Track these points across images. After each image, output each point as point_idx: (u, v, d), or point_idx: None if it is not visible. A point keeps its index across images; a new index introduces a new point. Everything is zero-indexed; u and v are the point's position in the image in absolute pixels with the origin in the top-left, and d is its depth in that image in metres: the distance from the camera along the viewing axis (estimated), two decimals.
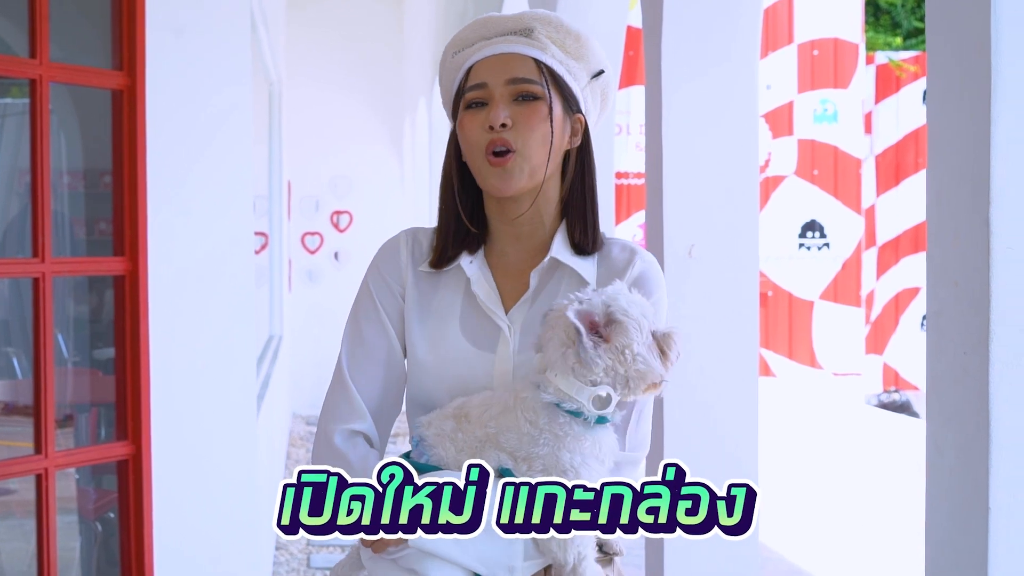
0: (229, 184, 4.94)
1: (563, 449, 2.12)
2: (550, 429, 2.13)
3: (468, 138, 2.32)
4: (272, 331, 10.76)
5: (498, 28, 2.36)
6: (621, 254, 2.35)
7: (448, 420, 2.21)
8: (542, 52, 2.32)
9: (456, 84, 2.39)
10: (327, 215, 14.20)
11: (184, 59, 4.76)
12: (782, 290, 14.95)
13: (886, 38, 20.65)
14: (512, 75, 2.30)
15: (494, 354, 2.29)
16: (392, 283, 2.39)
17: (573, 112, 2.35)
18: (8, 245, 5.32)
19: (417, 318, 2.36)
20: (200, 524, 4.87)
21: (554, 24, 2.35)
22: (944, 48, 2.36)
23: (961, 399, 2.27)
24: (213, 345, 4.90)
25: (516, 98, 2.29)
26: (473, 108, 2.32)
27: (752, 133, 4.26)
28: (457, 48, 2.41)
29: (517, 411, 2.16)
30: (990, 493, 2.17)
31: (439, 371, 2.31)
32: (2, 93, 5.75)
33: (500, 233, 2.39)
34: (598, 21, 5.47)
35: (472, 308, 2.33)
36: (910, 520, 8.32)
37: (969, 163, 2.24)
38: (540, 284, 2.34)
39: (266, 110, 10.68)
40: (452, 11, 10.26)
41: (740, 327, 4.22)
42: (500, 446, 2.16)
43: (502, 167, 2.27)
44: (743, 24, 4.21)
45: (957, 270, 2.28)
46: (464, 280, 2.36)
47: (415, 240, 2.43)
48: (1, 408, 5.40)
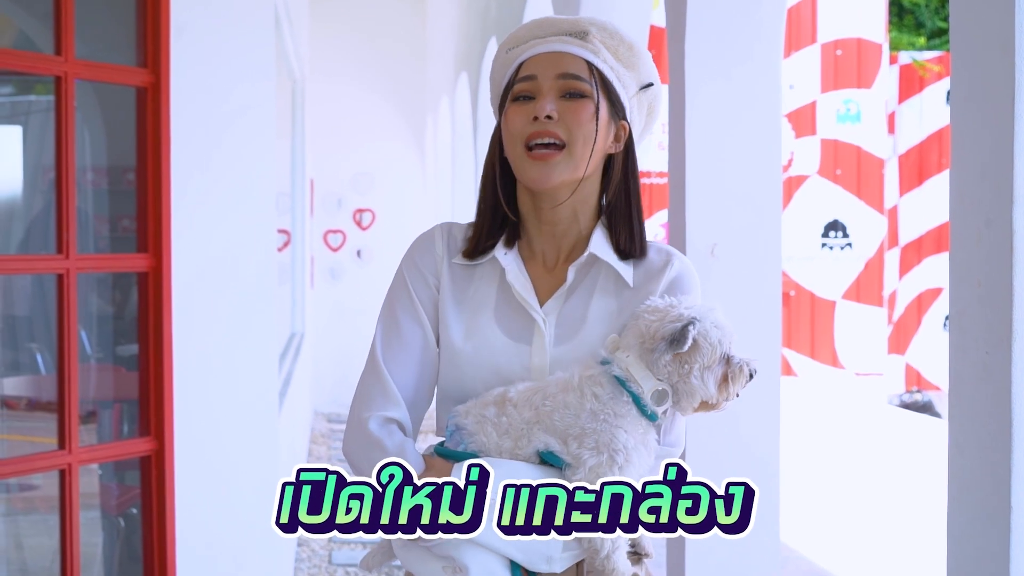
0: (252, 181, 4.95)
1: (620, 428, 2.16)
2: (612, 407, 2.17)
3: (511, 129, 2.33)
4: (294, 328, 10.78)
5: (553, 28, 2.38)
6: (657, 256, 2.36)
7: (489, 407, 2.22)
8: (594, 55, 2.33)
9: (507, 79, 2.40)
10: (350, 213, 14.22)
11: (208, 56, 4.78)
12: (804, 290, 14.92)
13: (910, 38, 20.60)
14: (563, 70, 2.31)
15: (530, 346, 2.30)
16: (427, 274, 2.39)
17: (619, 118, 2.37)
18: (32, 241, 5.34)
19: (452, 308, 2.36)
20: (222, 520, 4.88)
21: (609, 31, 2.37)
22: (968, 49, 2.36)
23: (983, 399, 2.27)
24: (235, 342, 4.91)
25: (564, 95, 2.30)
26: (520, 101, 2.33)
27: (775, 133, 4.25)
28: (511, 45, 2.42)
29: (583, 386, 2.18)
30: (1012, 492, 2.17)
31: (475, 361, 2.31)
32: (26, 90, 5.77)
33: (535, 230, 2.40)
34: (621, 20, 5.47)
35: (507, 299, 2.34)
36: (932, 520, 8.30)
37: (992, 164, 2.24)
38: (577, 279, 2.35)
39: (289, 107, 10.70)
40: (474, 9, 10.26)
41: (763, 326, 4.22)
42: (550, 427, 2.17)
43: (544, 161, 2.28)
44: (766, 24, 4.20)
45: (980, 270, 2.28)
46: (499, 272, 2.36)
47: (450, 234, 2.44)
48: (25, 404, 5.42)
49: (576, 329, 2.30)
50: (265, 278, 5.00)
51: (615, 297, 2.32)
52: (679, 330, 2.16)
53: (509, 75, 2.39)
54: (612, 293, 2.33)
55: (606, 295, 2.32)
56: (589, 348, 2.27)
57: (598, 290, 2.32)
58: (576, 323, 2.31)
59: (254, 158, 4.96)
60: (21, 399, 5.44)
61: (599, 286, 2.33)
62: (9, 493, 5.28)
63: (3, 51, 4.84)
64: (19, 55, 4.80)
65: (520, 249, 2.40)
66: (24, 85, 5.76)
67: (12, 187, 5.66)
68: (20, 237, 5.53)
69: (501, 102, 2.40)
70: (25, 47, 5.26)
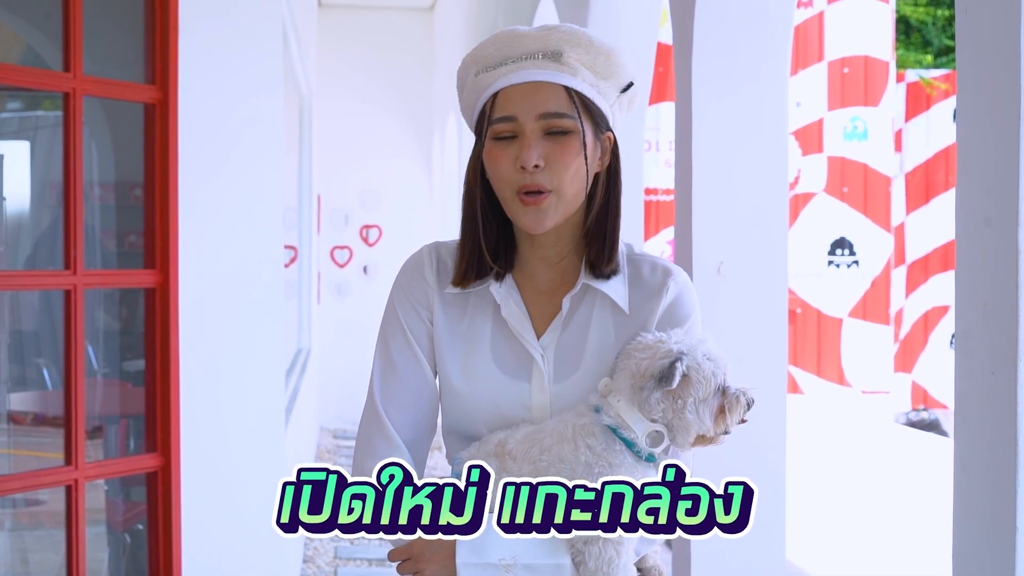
0: (259, 197, 4.97)
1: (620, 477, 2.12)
2: (606, 456, 2.13)
3: (499, 173, 2.23)
4: (301, 344, 10.79)
5: (524, 48, 2.25)
6: (652, 276, 2.29)
7: (491, 459, 2.18)
8: (572, 77, 2.22)
9: (480, 106, 2.29)
10: (356, 229, 14.24)
11: (215, 74, 4.80)
12: (811, 307, 14.91)
13: (917, 56, 20.60)
14: (543, 109, 2.20)
15: (529, 384, 2.26)
16: (419, 307, 2.33)
17: (603, 131, 2.27)
18: (40, 257, 5.35)
19: (448, 343, 2.31)
20: (228, 537, 4.89)
21: (583, 44, 2.24)
22: (974, 68, 2.36)
23: (989, 419, 2.27)
24: (242, 358, 4.92)
25: (548, 132, 2.21)
26: (504, 140, 2.23)
27: (782, 151, 4.26)
28: (480, 67, 2.29)
29: (576, 439, 2.14)
30: (1017, 512, 2.17)
31: (475, 401, 2.28)
32: (34, 106, 5.79)
33: (529, 256, 2.32)
34: (628, 37, 5.49)
35: (503, 334, 2.29)
36: (938, 539, 8.28)
37: (998, 183, 2.24)
38: (572, 308, 2.29)
39: (296, 123, 10.71)
40: (482, 25, 10.28)
41: (769, 344, 4.22)
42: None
43: (536, 206, 2.21)
44: (773, 42, 4.21)
45: (986, 291, 2.28)
46: (493, 303, 2.30)
47: (439, 258, 2.36)
48: (31, 419, 5.43)
49: (575, 365, 2.26)
50: (272, 294, 5.01)
51: (612, 325, 2.27)
52: (667, 366, 2.11)
53: (483, 103, 2.28)
54: (610, 321, 2.27)
55: (603, 324, 2.27)
56: (589, 383, 2.23)
57: (595, 319, 2.27)
58: (575, 358, 2.26)
59: (261, 174, 4.97)
60: (27, 414, 5.45)
61: (595, 315, 2.28)
62: (15, 508, 5.28)
63: (12, 67, 4.85)
64: (28, 71, 4.82)
65: (515, 272, 2.33)
66: (32, 101, 5.77)
67: (20, 202, 5.68)
68: (28, 253, 5.54)
69: (478, 129, 2.30)
70: (34, 63, 5.28)
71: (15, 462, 5.33)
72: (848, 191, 14.85)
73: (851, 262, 14.86)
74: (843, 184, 14.85)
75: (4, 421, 5.26)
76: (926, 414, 14.24)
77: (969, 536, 2.36)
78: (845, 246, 14.85)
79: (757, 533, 4.26)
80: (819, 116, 14.80)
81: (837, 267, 14.88)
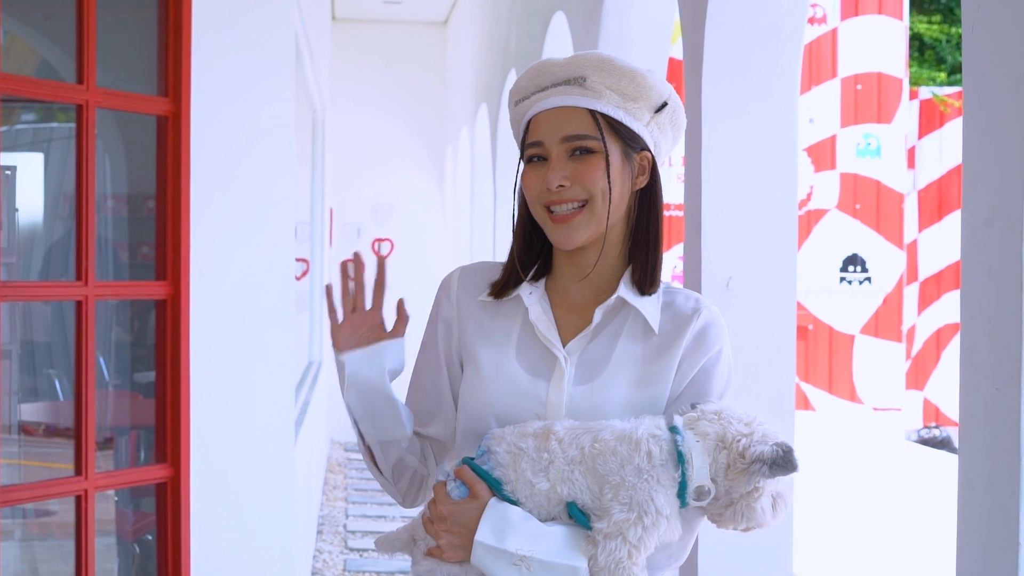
0: (270, 209, 4.98)
1: (662, 492, 2.13)
2: (659, 472, 2.13)
3: (530, 194, 2.34)
4: (312, 357, 10.80)
5: (552, 77, 2.35)
6: (685, 303, 2.35)
7: (527, 438, 2.21)
8: (596, 100, 2.30)
9: (520, 133, 2.41)
10: (368, 242, 14.26)
11: (227, 86, 4.81)
12: (823, 324, 14.91)
13: (930, 73, 20.61)
14: (566, 132, 2.29)
15: (548, 382, 2.30)
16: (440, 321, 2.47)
17: (637, 151, 2.34)
18: (53, 268, 5.37)
19: (475, 345, 2.39)
20: (237, 548, 4.89)
21: (607, 68, 2.32)
22: (980, 87, 2.37)
23: (993, 435, 2.27)
24: (252, 370, 4.93)
25: (573, 152, 2.30)
26: (534, 162, 2.34)
27: (791, 168, 4.27)
28: (517, 98, 2.41)
29: (643, 442, 2.15)
30: (1020, 529, 2.17)
31: (490, 393, 2.33)
32: (48, 118, 5.81)
33: (564, 270, 2.40)
34: (640, 54, 5.51)
35: (529, 338, 2.35)
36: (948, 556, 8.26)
37: (1003, 201, 2.25)
38: (603, 321, 2.34)
39: (309, 137, 10.74)
40: (495, 41, 10.31)
41: (777, 360, 4.22)
42: (591, 469, 2.15)
43: (567, 224, 2.29)
44: (784, 59, 4.22)
45: (991, 307, 2.29)
46: (523, 310, 2.38)
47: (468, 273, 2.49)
48: (43, 430, 5.44)
49: (598, 371, 2.30)
50: (282, 306, 5.02)
51: (641, 342, 2.31)
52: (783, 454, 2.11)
53: (521, 131, 2.41)
54: (639, 338, 2.31)
55: (632, 340, 2.31)
56: (608, 391, 2.27)
57: (624, 334, 2.32)
58: (599, 365, 2.30)
59: (272, 186, 4.98)
60: (39, 425, 5.46)
61: (626, 330, 2.32)
62: (25, 519, 5.29)
63: (26, 79, 4.87)
64: (41, 83, 4.84)
65: (548, 289, 2.40)
66: (46, 113, 5.80)
67: (34, 214, 5.70)
68: (41, 264, 5.57)
69: (521, 155, 2.41)
70: (48, 76, 5.30)
71: (26, 473, 5.33)
72: (861, 208, 14.86)
73: (863, 279, 14.87)
74: (856, 201, 14.86)
75: (15, 432, 5.28)
76: (938, 432, 14.21)
77: (973, 551, 2.36)
78: (857, 263, 14.86)
79: (764, 546, 4.27)
80: (832, 132, 14.82)
81: (849, 284, 14.89)
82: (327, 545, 9.11)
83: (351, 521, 9.93)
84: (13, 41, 5.50)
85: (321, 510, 10.26)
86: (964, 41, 2.43)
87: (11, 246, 5.25)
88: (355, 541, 9.26)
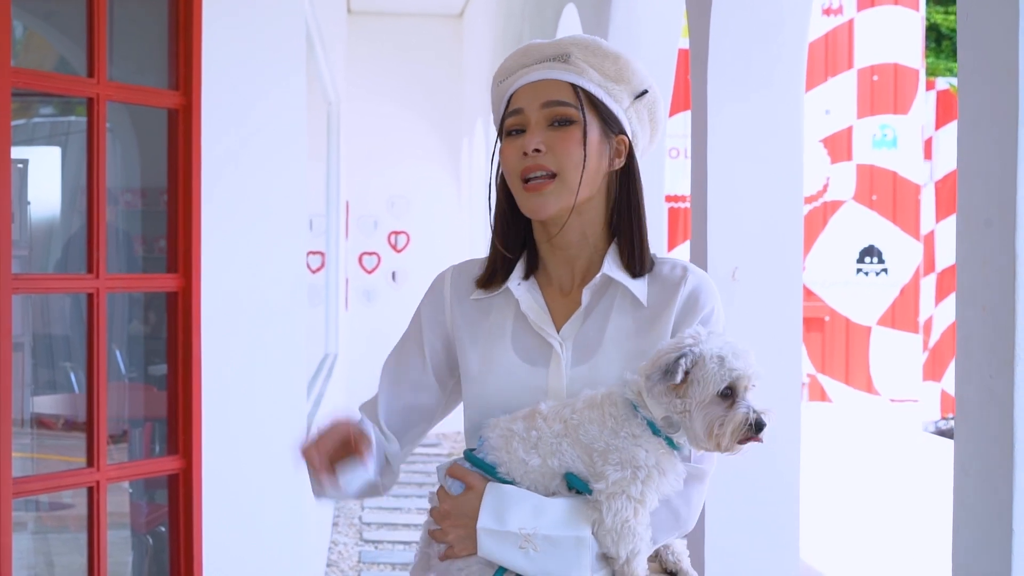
0: (283, 202, 5.00)
1: (639, 447, 2.16)
2: (628, 427, 2.17)
3: (506, 164, 2.36)
4: (327, 349, 10.82)
5: (537, 55, 2.39)
6: (672, 272, 2.36)
7: (517, 421, 2.24)
8: (578, 76, 2.34)
9: (500, 112, 2.43)
10: (384, 235, 14.27)
11: (239, 79, 4.83)
12: (839, 315, 14.89)
13: (947, 64, 20.57)
14: (545, 98, 2.33)
15: (547, 369, 2.32)
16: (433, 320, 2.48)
17: (615, 133, 2.36)
18: (70, 261, 5.39)
19: (469, 343, 2.41)
20: (249, 539, 4.92)
21: (591, 48, 2.36)
22: (974, 79, 2.38)
23: (987, 422, 2.29)
24: (264, 362, 4.95)
25: (552, 123, 2.32)
26: (512, 135, 2.36)
27: (797, 158, 4.27)
28: (501, 77, 2.45)
29: (603, 404, 2.19)
30: (1014, 515, 2.19)
31: (493, 387, 2.35)
32: (67, 112, 5.84)
33: (549, 257, 2.42)
34: (649, 45, 5.51)
35: (523, 328, 2.37)
36: None
37: (997, 191, 2.26)
38: (592, 301, 2.36)
39: (324, 129, 10.75)
40: (510, 33, 10.32)
41: (784, 350, 4.23)
42: (576, 441, 2.19)
43: (537, 192, 2.31)
44: (788, 49, 4.22)
45: (985, 296, 2.30)
46: (514, 302, 2.39)
47: (459, 273, 2.49)
48: (62, 423, 5.46)
49: (593, 350, 2.31)
50: (295, 298, 5.04)
51: (632, 316, 2.33)
52: (672, 361, 2.13)
53: (502, 108, 2.43)
54: (628, 313, 2.33)
55: (623, 315, 2.33)
56: (607, 368, 2.29)
57: (615, 310, 2.33)
58: (593, 344, 2.32)
59: (284, 179, 5.00)
60: (57, 418, 5.48)
61: (616, 306, 2.34)
62: (40, 511, 5.32)
63: (37, 73, 4.90)
64: (53, 77, 4.86)
65: (537, 276, 2.42)
66: (65, 107, 5.82)
67: (51, 207, 5.73)
68: (58, 257, 5.59)
69: (498, 132, 2.43)
70: (64, 71, 5.33)
71: (42, 465, 5.36)
72: (877, 199, 14.83)
73: (880, 270, 14.84)
74: (872, 192, 14.83)
75: (30, 425, 5.30)
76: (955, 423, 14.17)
77: (968, 537, 2.38)
78: (874, 254, 14.83)
79: (771, 534, 4.28)
80: (848, 124, 14.79)
81: (866, 275, 14.87)
82: (342, 537, 9.14)
83: (366, 513, 9.96)
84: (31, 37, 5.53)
85: (336, 502, 10.28)
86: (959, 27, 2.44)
87: (23, 239, 5.28)
88: (370, 533, 9.29)
